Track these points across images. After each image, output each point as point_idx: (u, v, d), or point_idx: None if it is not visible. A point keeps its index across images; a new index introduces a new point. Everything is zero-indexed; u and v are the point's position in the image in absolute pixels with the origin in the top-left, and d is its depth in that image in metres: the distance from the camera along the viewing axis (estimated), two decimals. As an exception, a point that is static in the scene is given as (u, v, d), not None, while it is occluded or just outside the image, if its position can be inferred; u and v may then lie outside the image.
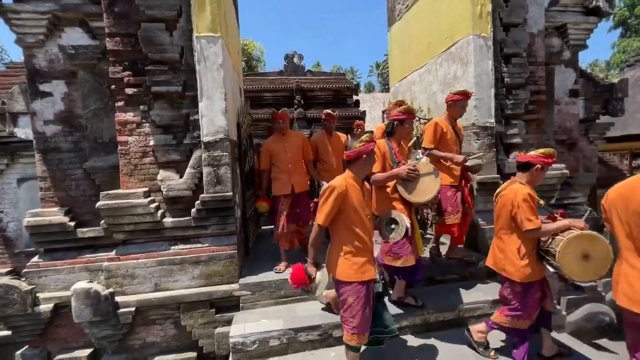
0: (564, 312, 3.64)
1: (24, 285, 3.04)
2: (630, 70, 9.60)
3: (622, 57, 22.33)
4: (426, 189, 2.65)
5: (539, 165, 2.39)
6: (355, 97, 10.14)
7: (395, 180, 2.72)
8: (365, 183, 2.40)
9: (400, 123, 2.82)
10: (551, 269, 2.45)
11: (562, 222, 2.31)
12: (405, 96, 5.19)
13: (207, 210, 3.15)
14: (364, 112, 9.81)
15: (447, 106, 3.39)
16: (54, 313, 3.12)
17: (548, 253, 2.30)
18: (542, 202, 2.39)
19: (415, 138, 4.06)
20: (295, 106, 9.31)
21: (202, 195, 3.12)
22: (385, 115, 5.16)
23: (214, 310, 3.11)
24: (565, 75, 4.58)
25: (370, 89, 37.89)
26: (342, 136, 4.39)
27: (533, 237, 2.34)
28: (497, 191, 2.57)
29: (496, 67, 3.73)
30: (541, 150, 2.42)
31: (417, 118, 4.64)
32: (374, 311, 2.28)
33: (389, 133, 2.91)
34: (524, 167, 2.46)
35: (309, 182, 4.10)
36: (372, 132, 3.10)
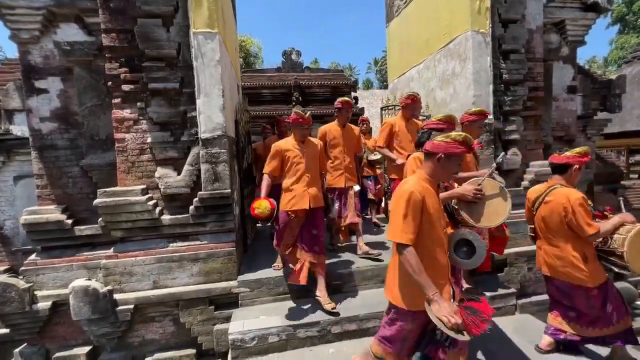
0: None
1: (21, 283, 3.03)
2: (628, 67, 9.63)
3: (620, 54, 22.37)
4: (496, 212, 2.19)
5: (577, 166, 2.34)
6: (353, 94, 10.13)
7: (453, 201, 2.27)
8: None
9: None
10: (615, 269, 2.38)
11: (616, 219, 2.25)
12: (404, 93, 5.18)
13: (206, 207, 3.14)
14: (362, 108, 9.80)
15: (463, 127, 3.03)
16: (52, 311, 3.11)
17: (611, 254, 2.25)
18: (589, 202, 2.33)
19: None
20: (293, 103, 9.28)
21: (200, 193, 3.11)
22: (384, 112, 5.15)
23: (212, 307, 3.12)
24: (564, 71, 4.59)
25: (368, 85, 37.81)
26: (356, 129, 3.85)
27: (593, 240, 2.28)
28: (535, 196, 2.46)
29: (494, 63, 3.73)
30: (576, 150, 2.36)
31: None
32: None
33: (423, 144, 2.48)
34: (561, 168, 2.39)
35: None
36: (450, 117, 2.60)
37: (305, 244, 2.94)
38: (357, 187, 3.66)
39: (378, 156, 3.63)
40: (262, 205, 2.78)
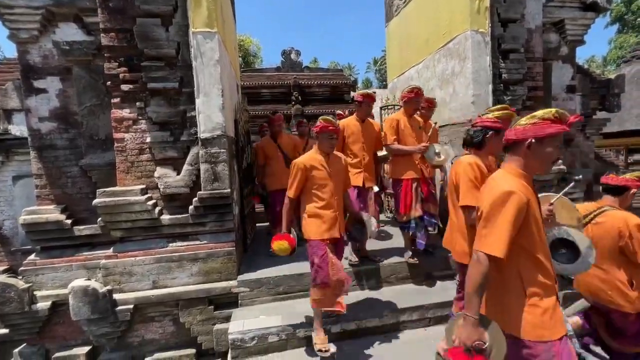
0: None
1: (21, 283, 3.02)
2: (627, 66, 9.63)
3: (619, 53, 22.37)
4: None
5: (634, 190, 2.29)
6: (352, 94, 10.12)
7: None
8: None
9: (496, 134, 2.11)
10: None
11: None
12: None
13: (205, 207, 3.14)
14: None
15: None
16: (52, 311, 3.10)
17: None
18: None
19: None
20: (293, 102, 9.27)
21: (199, 192, 3.11)
22: (383, 112, 5.15)
23: (212, 307, 3.12)
24: (563, 71, 4.59)
25: (367, 85, 37.79)
26: (376, 124, 3.61)
27: None
28: (583, 215, 2.27)
29: (494, 62, 3.73)
30: (636, 174, 2.32)
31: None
32: None
33: (476, 145, 2.18)
34: (617, 190, 2.31)
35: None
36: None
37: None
38: (376, 188, 3.49)
39: (384, 152, 3.48)
40: (282, 247, 2.53)
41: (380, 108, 5.16)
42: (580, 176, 2.83)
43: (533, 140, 1.39)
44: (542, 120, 1.39)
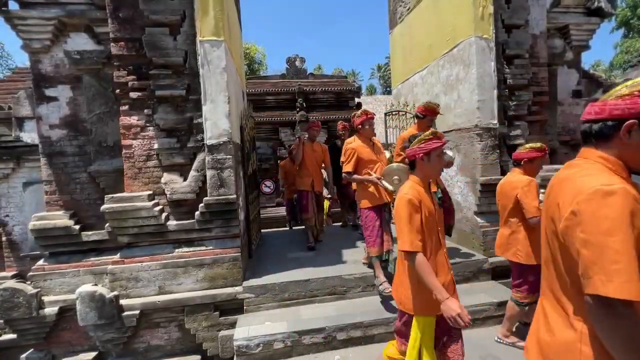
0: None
1: (29, 288, 3.05)
2: (634, 71, 9.56)
3: (625, 58, 22.26)
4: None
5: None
6: (357, 100, 10.17)
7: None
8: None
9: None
10: None
11: None
12: (408, 98, 5.20)
13: (211, 213, 3.16)
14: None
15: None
16: (59, 316, 3.12)
17: None
18: None
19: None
20: (297, 109, 9.34)
21: (205, 198, 3.13)
22: (388, 118, 5.17)
23: (217, 313, 3.11)
24: (568, 76, 4.58)
25: (372, 91, 37.95)
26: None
27: None
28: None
29: (498, 68, 3.73)
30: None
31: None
32: None
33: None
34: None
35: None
36: None
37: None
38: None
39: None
40: None
41: (385, 114, 5.17)
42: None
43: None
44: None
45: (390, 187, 2.91)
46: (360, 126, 3.17)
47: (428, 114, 3.32)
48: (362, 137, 3.21)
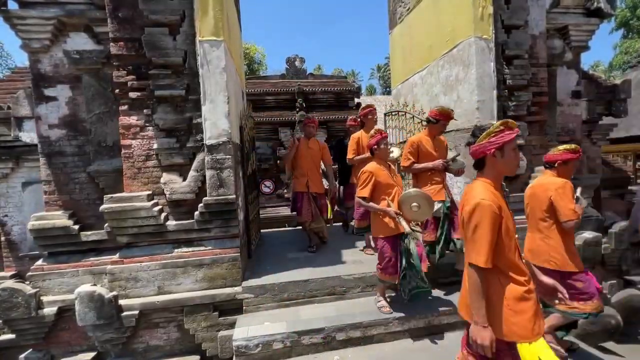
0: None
1: (28, 288, 3.05)
2: (633, 72, 9.58)
3: (625, 59, 22.26)
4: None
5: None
6: (356, 100, 10.16)
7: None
8: None
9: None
10: None
11: None
12: (407, 99, 5.20)
13: (210, 213, 3.16)
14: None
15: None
16: (58, 316, 3.12)
17: None
18: None
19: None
20: (297, 109, 9.34)
21: (205, 199, 3.13)
22: (387, 118, 5.16)
23: (217, 313, 3.11)
24: (568, 76, 4.58)
25: (371, 91, 37.97)
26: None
27: None
28: None
29: (498, 69, 3.74)
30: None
31: (420, 121, 4.64)
32: None
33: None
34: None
35: None
36: None
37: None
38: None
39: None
40: None
41: (385, 114, 5.17)
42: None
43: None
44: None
45: (407, 229, 2.67)
46: (375, 147, 2.90)
47: (442, 119, 3.21)
48: (377, 158, 2.95)
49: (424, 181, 3.28)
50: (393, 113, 5.01)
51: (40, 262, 3.26)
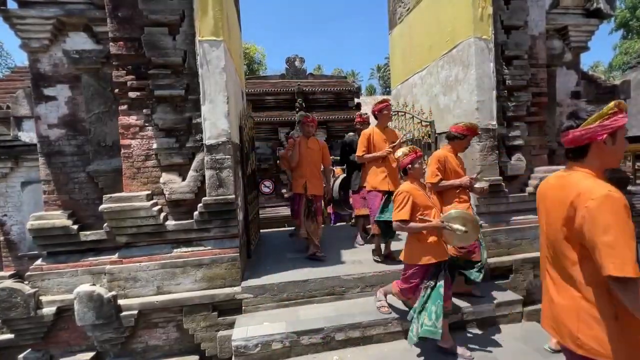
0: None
1: (27, 288, 3.05)
2: (633, 72, 9.59)
3: (624, 59, 22.27)
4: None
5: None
6: (356, 100, 10.18)
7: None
8: None
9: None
10: None
11: None
12: (407, 99, 5.20)
13: (210, 213, 3.16)
14: (365, 114, 9.82)
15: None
16: (57, 316, 3.12)
17: None
18: None
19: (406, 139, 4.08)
20: (297, 109, 9.34)
21: (204, 199, 3.13)
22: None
23: (216, 313, 3.11)
24: (567, 77, 4.58)
25: (371, 91, 37.99)
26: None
27: None
28: None
29: (497, 69, 3.74)
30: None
31: (419, 120, 4.65)
32: None
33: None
34: None
35: None
36: None
37: None
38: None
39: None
40: None
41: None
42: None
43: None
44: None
45: (462, 228, 2.42)
46: (409, 166, 2.65)
47: (469, 134, 3.10)
48: (411, 177, 2.69)
49: (449, 199, 3.09)
50: (393, 113, 5.01)
51: (39, 261, 3.26)
